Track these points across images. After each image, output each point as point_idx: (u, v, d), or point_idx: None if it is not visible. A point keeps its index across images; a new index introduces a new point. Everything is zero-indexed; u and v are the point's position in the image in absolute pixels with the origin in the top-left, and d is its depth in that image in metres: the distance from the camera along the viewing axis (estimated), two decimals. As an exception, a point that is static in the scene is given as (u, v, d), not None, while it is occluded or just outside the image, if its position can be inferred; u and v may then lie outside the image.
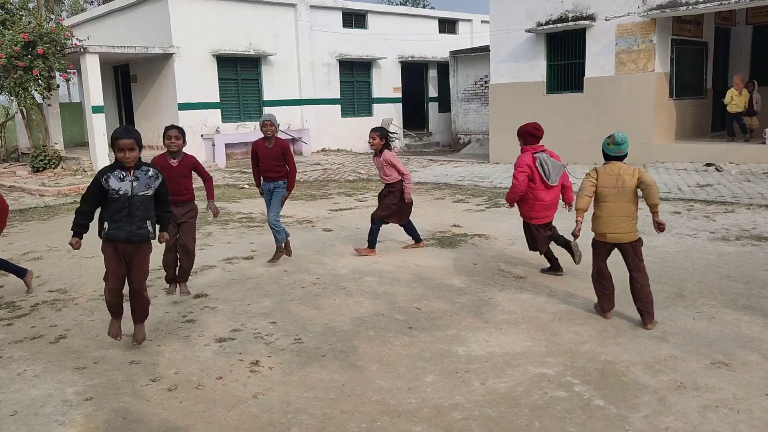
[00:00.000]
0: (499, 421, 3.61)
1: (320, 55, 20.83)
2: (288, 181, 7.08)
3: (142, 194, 4.61)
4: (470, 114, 21.86)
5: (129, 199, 4.55)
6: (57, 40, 15.81)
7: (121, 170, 4.56)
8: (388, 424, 3.63)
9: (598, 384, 4.02)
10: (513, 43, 16.40)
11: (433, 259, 7.21)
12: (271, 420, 3.72)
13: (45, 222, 10.62)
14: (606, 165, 5.00)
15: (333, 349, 4.72)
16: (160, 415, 3.81)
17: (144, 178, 4.62)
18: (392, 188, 7.42)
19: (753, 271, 6.27)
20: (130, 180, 4.56)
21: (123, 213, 4.57)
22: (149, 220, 4.70)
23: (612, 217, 4.92)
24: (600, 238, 5.05)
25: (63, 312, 5.80)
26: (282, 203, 7.10)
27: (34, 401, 4.04)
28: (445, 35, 24.25)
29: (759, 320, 4.99)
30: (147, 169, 4.67)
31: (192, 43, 17.89)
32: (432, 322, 5.20)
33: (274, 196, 7.09)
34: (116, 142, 4.49)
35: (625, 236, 4.95)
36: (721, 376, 4.06)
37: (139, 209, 4.60)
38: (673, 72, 14.54)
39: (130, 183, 4.55)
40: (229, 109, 19.08)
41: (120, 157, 4.52)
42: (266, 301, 5.90)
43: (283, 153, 7.00)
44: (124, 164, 4.54)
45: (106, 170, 4.58)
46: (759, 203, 9.62)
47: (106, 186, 4.52)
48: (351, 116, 21.96)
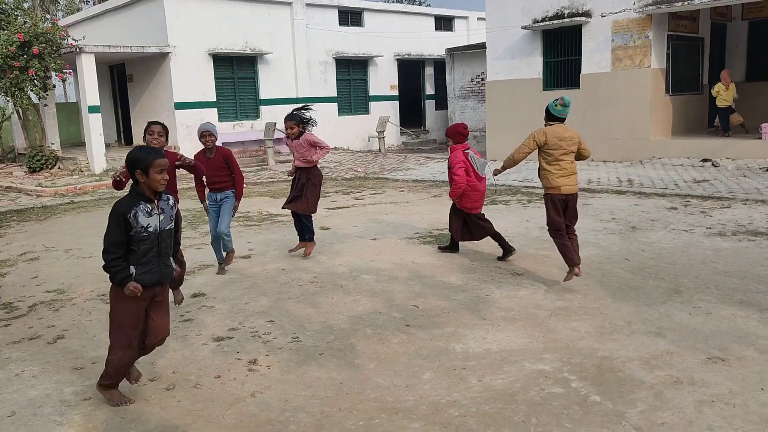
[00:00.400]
0: (496, 418, 3.62)
1: (316, 53, 20.80)
2: (236, 189, 6.72)
3: (168, 229, 3.93)
4: (467, 111, 21.86)
5: (158, 236, 3.85)
6: (53, 39, 15.78)
7: (146, 203, 3.79)
8: (386, 421, 3.64)
9: (595, 380, 4.03)
10: (509, 40, 16.40)
11: (430, 256, 7.22)
12: (269, 418, 3.73)
13: (42, 222, 10.61)
14: (553, 126, 5.86)
15: (330, 348, 4.73)
16: (158, 415, 3.82)
17: (168, 209, 3.93)
18: (311, 176, 7.30)
19: (749, 267, 6.29)
20: (157, 214, 3.83)
21: (152, 253, 3.84)
22: (172, 257, 4.07)
23: (566, 172, 5.78)
24: (555, 191, 5.81)
25: (61, 312, 5.80)
26: (233, 213, 6.71)
27: (32, 402, 4.04)
28: (442, 32, 24.23)
29: (755, 315, 5.01)
30: (167, 197, 3.95)
31: (188, 42, 17.86)
32: (429, 320, 5.21)
33: (223, 206, 6.67)
34: (153, 163, 3.73)
35: (575, 188, 5.85)
36: (717, 371, 4.08)
37: (167, 246, 3.94)
38: (669, 68, 14.55)
39: (157, 217, 3.83)
40: (226, 108, 19.06)
41: (157, 180, 3.76)
42: (264, 299, 5.90)
43: (226, 161, 6.68)
44: (156, 189, 3.80)
45: (129, 204, 3.77)
46: (755, 198, 9.65)
47: (134, 223, 3.74)
48: (348, 114, 21.94)
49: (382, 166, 16.72)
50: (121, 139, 21.21)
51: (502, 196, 11.20)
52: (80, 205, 12.26)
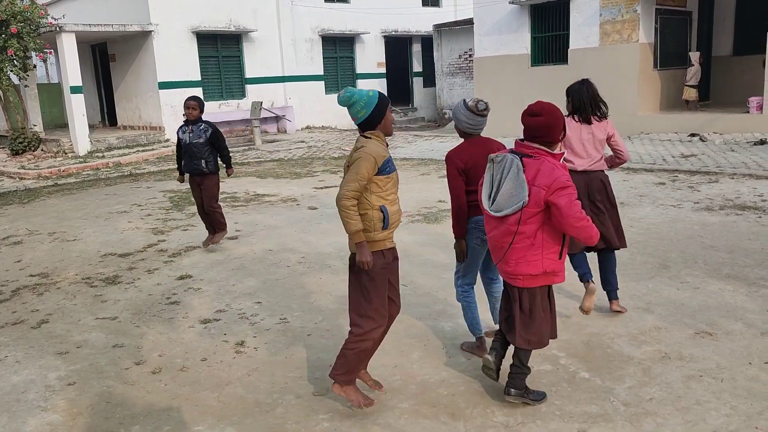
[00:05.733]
0: (485, 396, 3.61)
1: (302, 30, 20.51)
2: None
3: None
4: (455, 88, 21.71)
5: None
6: (31, 18, 15.41)
7: None
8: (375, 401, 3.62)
9: (584, 356, 4.03)
10: (497, 15, 16.23)
11: (418, 235, 7.18)
12: (256, 400, 3.70)
13: (25, 205, 10.46)
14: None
15: (318, 328, 4.70)
16: (145, 399, 3.78)
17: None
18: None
19: (737, 241, 6.30)
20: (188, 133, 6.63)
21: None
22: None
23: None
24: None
25: (45, 296, 5.73)
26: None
27: (15, 387, 3.99)
28: (429, 8, 23.95)
29: (742, 289, 5.02)
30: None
31: (170, 20, 17.53)
32: (417, 299, 5.18)
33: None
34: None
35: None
36: (705, 346, 4.08)
37: None
38: (658, 42, 14.47)
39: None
40: (211, 87, 18.79)
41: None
42: (251, 280, 5.85)
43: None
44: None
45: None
46: (742, 173, 9.66)
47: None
48: (335, 92, 21.65)
49: (370, 144, 16.58)
50: (105, 120, 20.90)
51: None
52: (64, 187, 12.09)
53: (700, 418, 3.29)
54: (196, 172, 6.73)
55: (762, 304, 4.72)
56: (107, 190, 11.46)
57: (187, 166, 6.74)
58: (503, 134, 15.59)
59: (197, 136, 6.60)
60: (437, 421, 3.39)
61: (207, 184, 6.77)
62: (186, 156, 6.70)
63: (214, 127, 6.71)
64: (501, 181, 3.33)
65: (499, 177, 3.35)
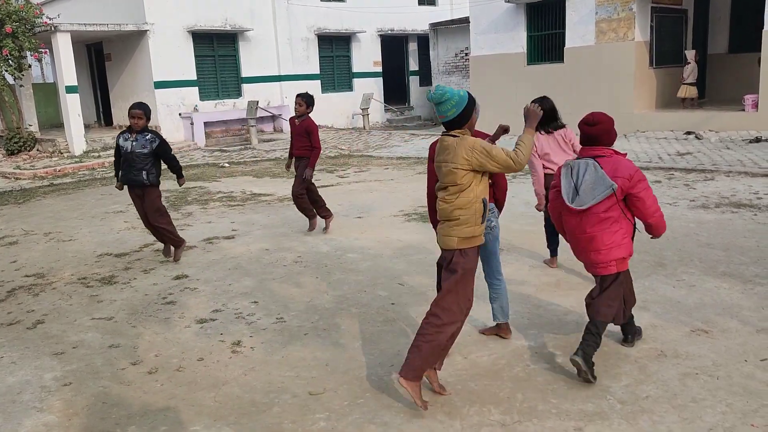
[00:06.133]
0: (481, 395, 3.61)
1: (298, 29, 20.49)
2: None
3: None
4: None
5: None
6: (26, 18, 15.36)
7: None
8: (371, 400, 3.62)
9: (580, 354, 4.03)
10: (493, 14, 16.24)
11: (415, 233, 7.18)
12: (253, 400, 3.69)
13: (21, 206, 10.43)
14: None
15: (315, 328, 4.69)
16: (141, 399, 3.77)
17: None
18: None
19: (732, 239, 6.31)
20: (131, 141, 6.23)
21: None
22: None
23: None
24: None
25: (40, 297, 5.71)
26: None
27: (11, 388, 3.97)
28: (425, 7, 23.95)
29: (738, 287, 5.03)
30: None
31: (166, 19, 17.50)
32: (414, 298, 5.18)
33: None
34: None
35: (446, 240, 3.51)
36: (701, 344, 4.09)
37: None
38: (653, 40, 14.49)
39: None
40: (207, 86, 18.77)
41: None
42: (247, 280, 5.84)
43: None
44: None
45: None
46: (738, 170, 9.69)
47: None
48: (331, 92, 21.71)
49: (367, 143, 16.60)
50: (101, 120, 20.85)
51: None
52: (60, 187, 12.06)
53: (696, 416, 3.30)
54: (135, 184, 6.29)
55: (757, 301, 4.73)
56: (103, 190, 11.43)
57: (126, 177, 6.29)
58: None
59: (141, 145, 6.16)
60: (434, 419, 3.39)
61: (149, 198, 6.35)
62: (125, 165, 6.24)
63: (161, 139, 6.29)
64: (579, 181, 3.72)
65: (576, 177, 3.75)
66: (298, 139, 7.21)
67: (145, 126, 6.23)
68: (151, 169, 6.26)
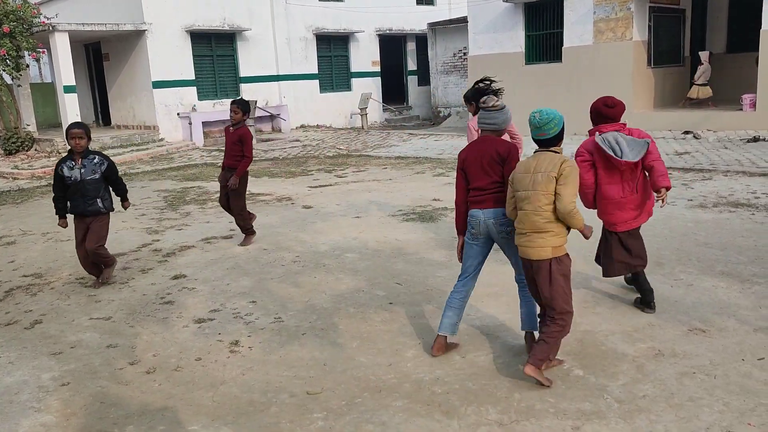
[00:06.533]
0: (479, 394, 3.62)
1: (296, 29, 20.48)
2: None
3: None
4: (450, 87, 21.71)
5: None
6: (24, 18, 15.34)
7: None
8: (369, 400, 3.62)
9: (578, 354, 4.04)
10: (491, 13, 16.24)
11: (413, 233, 7.18)
12: (251, 400, 3.69)
13: (18, 206, 10.42)
14: (535, 155, 3.80)
15: (313, 327, 4.69)
16: (139, 399, 3.77)
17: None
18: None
19: (730, 238, 6.32)
20: (78, 168, 5.71)
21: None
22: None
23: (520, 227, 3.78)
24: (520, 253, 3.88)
25: (38, 297, 5.70)
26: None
27: (8, 388, 3.97)
28: (423, 7, 23.94)
29: (736, 286, 5.04)
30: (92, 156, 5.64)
31: (164, 19, 17.48)
32: (412, 297, 5.18)
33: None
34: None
35: (532, 251, 3.71)
36: (699, 343, 4.10)
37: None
38: (651, 40, 14.50)
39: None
40: (205, 86, 18.75)
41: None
42: (245, 280, 5.84)
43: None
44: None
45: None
46: (736, 170, 9.70)
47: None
48: (330, 91, 21.70)
49: (365, 143, 16.60)
50: (99, 120, 20.83)
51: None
52: (58, 187, 12.04)
53: (693, 415, 3.30)
54: (89, 213, 5.69)
55: (755, 300, 4.74)
56: (101, 189, 11.41)
57: (78, 208, 5.69)
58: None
59: (91, 171, 5.61)
60: (431, 419, 3.40)
61: (99, 224, 5.73)
62: (76, 196, 5.64)
63: (109, 160, 5.77)
64: (617, 146, 4.44)
65: (612, 143, 4.46)
66: (232, 148, 6.82)
67: (87, 147, 5.67)
68: (104, 194, 5.76)
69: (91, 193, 5.65)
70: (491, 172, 3.96)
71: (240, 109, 6.79)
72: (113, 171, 5.82)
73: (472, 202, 4.05)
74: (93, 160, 5.70)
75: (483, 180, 3.98)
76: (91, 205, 5.69)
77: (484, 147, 4.01)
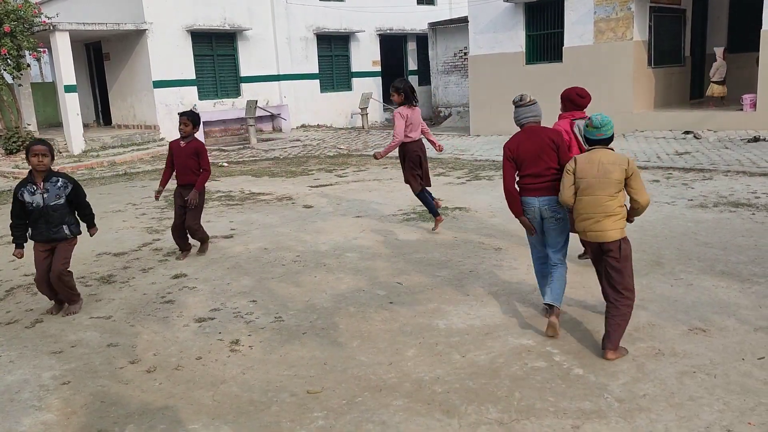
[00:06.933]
0: (479, 393, 3.62)
1: (297, 29, 20.49)
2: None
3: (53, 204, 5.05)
4: (450, 86, 21.71)
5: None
6: (25, 17, 15.34)
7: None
8: (369, 399, 3.63)
9: (578, 353, 4.04)
10: (492, 13, 16.24)
11: (413, 233, 7.19)
12: (251, 399, 3.70)
13: (19, 205, 10.41)
14: (590, 151, 4.18)
15: (314, 327, 4.70)
16: (139, 398, 3.78)
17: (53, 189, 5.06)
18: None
19: (730, 238, 6.32)
20: (40, 193, 5.02)
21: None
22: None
23: (588, 212, 4.10)
24: (582, 236, 4.22)
25: (39, 296, 5.68)
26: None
27: (9, 387, 3.98)
28: (424, 7, 23.94)
29: (736, 286, 5.04)
30: (56, 179, 5.10)
31: (165, 18, 17.49)
32: (413, 297, 5.19)
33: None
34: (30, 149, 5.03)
35: (602, 235, 4.04)
36: (699, 342, 4.10)
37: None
38: (652, 40, 14.50)
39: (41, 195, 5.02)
40: (206, 86, 18.76)
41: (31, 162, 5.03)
42: (246, 279, 5.85)
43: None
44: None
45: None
46: (736, 170, 9.70)
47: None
48: (330, 91, 21.71)
49: (366, 142, 16.60)
50: (100, 119, 20.84)
51: (485, 171, 11.17)
52: (59, 186, 12.04)
53: (694, 414, 3.30)
54: (56, 239, 5.10)
55: (755, 300, 4.74)
56: (102, 189, 11.44)
57: (41, 235, 5.05)
58: (498, 132, 15.66)
59: (55, 196, 5.00)
60: (431, 418, 3.40)
61: (64, 249, 5.15)
62: (40, 222, 5.01)
63: (74, 182, 5.15)
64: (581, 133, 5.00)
65: (581, 129, 4.94)
66: (187, 163, 6.43)
67: (50, 167, 5.05)
68: (70, 219, 5.17)
69: (56, 219, 5.05)
70: (547, 159, 4.37)
71: (190, 121, 6.44)
72: (79, 194, 5.19)
73: (526, 190, 4.44)
74: (56, 183, 5.06)
75: (538, 167, 4.38)
76: (56, 233, 5.09)
77: (536, 137, 4.42)
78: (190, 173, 6.50)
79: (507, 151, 4.50)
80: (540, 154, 4.37)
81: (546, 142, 4.38)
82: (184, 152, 6.49)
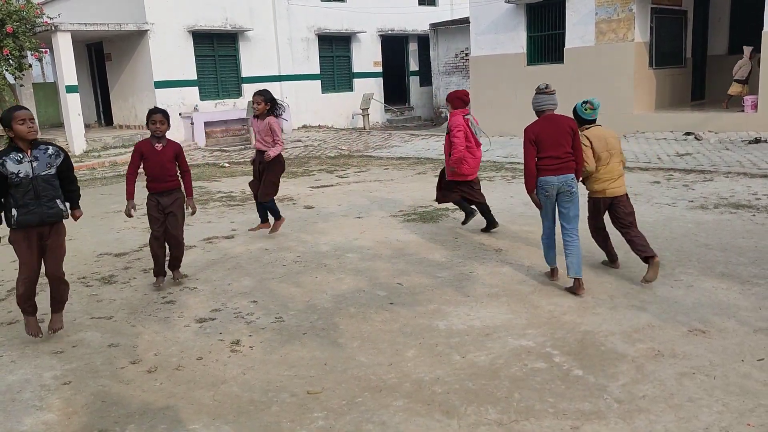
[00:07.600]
0: (479, 394, 3.63)
1: (298, 29, 20.51)
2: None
3: (44, 174, 4.36)
4: (451, 87, 21.71)
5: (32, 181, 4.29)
6: (27, 18, 15.39)
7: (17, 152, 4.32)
8: (369, 399, 3.64)
9: (578, 354, 4.05)
10: (493, 14, 16.26)
11: (414, 234, 7.20)
12: (251, 399, 3.71)
13: (21, 205, 10.43)
14: (591, 129, 5.36)
15: (314, 327, 4.71)
16: (140, 398, 3.79)
17: (43, 157, 4.38)
18: (271, 162, 7.12)
19: (730, 239, 6.33)
20: (29, 161, 4.31)
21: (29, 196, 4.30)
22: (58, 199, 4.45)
23: (612, 175, 5.31)
24: (600, 195, 5.37)
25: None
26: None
27: (10, 387, 3.99)
28: (425, 7, 23.96)
29: (736, 287, 5.05)
30: (45, 147, 4.43)
31: (166, 19, 17.52)
32: (413, 297, 5.20)
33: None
34: (13, 115, 4.36)
35: (620, 189, 5.35)
36: (698, 343, 4.11)
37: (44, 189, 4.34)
38: (653, 41, 14.51)
39: (29, 164, 4.31)
40: (207, 86, 18.79)
41: (20, 130, 4.29)
42: (247, 280, 5.86)
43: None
44: (23, 138, 4.30)
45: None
46: (737, 171, 9.70)
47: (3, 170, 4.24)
48: (331, 92, 21.73)
49: (367, 143, 16.62)
50: (101, 120, 20.88)
51: (486, 172, 11.18)
52: (60, 187, 12.06)
53: (693, 415, 3.31)
54: (48, 221, 4.38)
55: (755, 301, 4.75)
56: (103, 189, 11.45)
57: (33, 215, 4.29)
58: (500, 132, 15.67)
59: (46, 164, 4.33)
60: (431, 418, 3.41)
61: (58, 237, 4.50)
62: (27, 198, 4.25)
63: (65, 152, 4.54)
64: (476, 127, 6.85)
65: (474, 126, 6.86)
66: (167, 167, 5.63)
67: (37, 137, 4.42)
68: (61, 194, 4.50)
69: (48, 192, 4.36)
70: (564, 143, 5.03)
71: (166, 119, 5.60)
72: (69, 166, 4.54)
73: (546, 170, 5.05)
74: (46, 150, 4.40)
75: (558, 150, 5.02)
76: (50, 209, 4.38)
77: (556, 124, 5.06)
78: (170, 179, 5.68)
79: (530, 134, 5.09)
80: (560, 139, 5.02)
81: (565, 129, 5.05)
82: (162, 156, 5.61)
